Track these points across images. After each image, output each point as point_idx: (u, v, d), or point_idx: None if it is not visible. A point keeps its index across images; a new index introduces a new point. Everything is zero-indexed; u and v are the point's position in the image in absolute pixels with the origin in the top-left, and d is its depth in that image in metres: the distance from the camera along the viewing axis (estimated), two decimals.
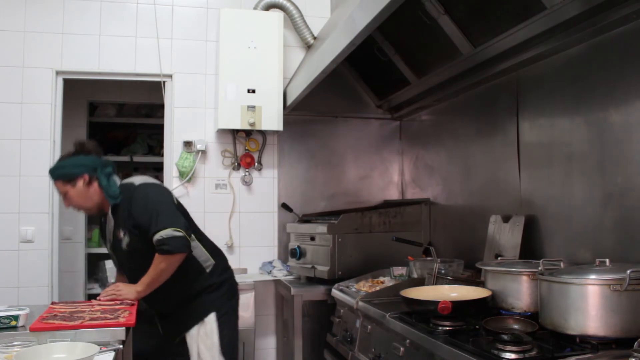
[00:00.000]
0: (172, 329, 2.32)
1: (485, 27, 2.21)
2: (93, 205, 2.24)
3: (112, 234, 2.26)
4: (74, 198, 2.20)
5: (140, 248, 2.16)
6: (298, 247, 3.05)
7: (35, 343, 1.63)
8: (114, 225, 2.23)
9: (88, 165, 2.21)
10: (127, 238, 2.18)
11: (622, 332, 1.36)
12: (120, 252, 2.26)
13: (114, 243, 2.27)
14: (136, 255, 2.19)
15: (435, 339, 1.61)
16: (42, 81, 3.18)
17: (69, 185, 2.19)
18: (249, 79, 3.20)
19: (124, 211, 2.19)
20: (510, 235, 2.21)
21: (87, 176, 2.19)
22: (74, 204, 2.22)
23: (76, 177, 2.18)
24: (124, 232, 2.19)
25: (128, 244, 2.18)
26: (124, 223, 2.19)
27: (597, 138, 1.87)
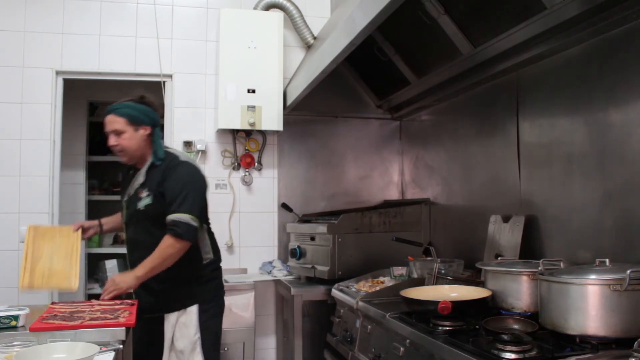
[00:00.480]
0: (150, 304, 2.24)
1: (485, 27, 2.21)
2: (137, 155, 2.27)
3: (135, 189, 2.27)
4: (127, 141, 2.22)
5: (154, 214, 2.20)
6: (298, 247, 3.05)
7: (35, 343, 1.63)
8: (141, 183, 2.25)
9: (153, 118, 2.29)
10: (148, 200, 2.21)
11: (622, 332, 1.36)
12: (134, 209, 2.26)
13: (132, 198, 2.28)
14: (147, 218, 2.23)
15: (435, 339, 1.61)
16: (42, 81, 3.18)
17: (131, 128, 2.23)
18: (249, 79, 3.20)
19: (159, 175, 2.22)
20: (510, 235, 2.21)
21: (149, 128, 2.26)
22: (123, 146, 2.23)
23: (141, 123, 2.24)
24: (149, 193, 2.21)
25: (147, 205, 2.21)
26: (153, 185, 2.22)
27: (597, 138, 1.87)
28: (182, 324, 2.25)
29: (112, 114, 2.25)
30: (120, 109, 2.25)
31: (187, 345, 2.23)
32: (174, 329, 2.25)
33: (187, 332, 2.24)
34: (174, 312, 2.25)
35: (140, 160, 2.29)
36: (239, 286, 3.04)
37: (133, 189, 2.27)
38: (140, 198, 2.23)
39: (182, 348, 2.23)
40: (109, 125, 2.24)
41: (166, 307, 2.26)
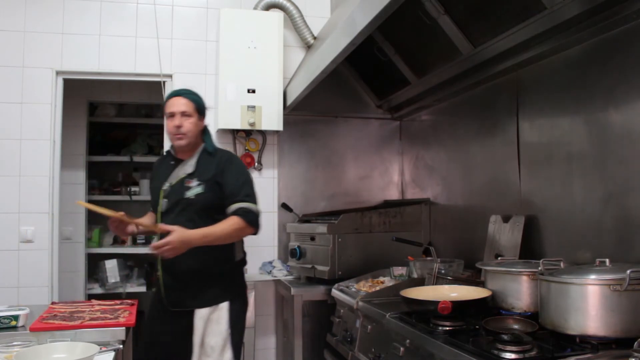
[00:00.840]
0: (182, 298, 2.24)
1: (485, 27, 2.21)
2: (192, 142, 2.32)
3: (179, 179, 2.27)
4: (192, 125, 2.28)
5: (203, 204, 2.22)
6: (298, 247, 3.05)
7: (35, 343, 1.63)
8: (189, 172, 2.27)
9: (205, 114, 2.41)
10: (199, 189, 2.23)
11: (622, 332, 1.36)
12: (178, 197, 2.25)
13: (175, 187, 2.27)
14: (194, 206, 2.23)
15: (435, 339, 1.61)
16: (42, 81, 3.18)
17: (197, 115, 2.32)
18: (249, 79, 3.20)
19: (213, 166, 2.26)
20: (510, 235, 2.21)
21: (203, 122, 2.37)
22: (187, 129, 2.27)
23: (203, 115, 2.36)
24: (199, 182, 2.24)
25: (198, 194, 2.23)
26: (206, 175, 2.25)
27: (597, 138, 1.87)
28: (214, 320, 2.25)
29: (182, 96, 2.30)
30: (190, 94, 2.33)
31: (218, 341, 2.23)
32: (205, 325, 2.24)
33: (219, 328, 2.24)
34: (205, 308, 2.24)
35: (189, 149, 2.32)
36: None
37: (176, 178, 2.28)
38: (188, 187, 2.24)
39: (214, 344, 2.23)
40: (178, 106, 2.27)
41: (198, 302, 2.25)
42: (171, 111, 2.29)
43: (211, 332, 2.23)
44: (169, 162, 2.37)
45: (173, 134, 2.28)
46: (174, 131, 2.27)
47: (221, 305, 2.26)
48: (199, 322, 2.23)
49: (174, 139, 2.30)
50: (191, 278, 2.24)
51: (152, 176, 2.50)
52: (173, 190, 2.27)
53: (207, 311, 2.24)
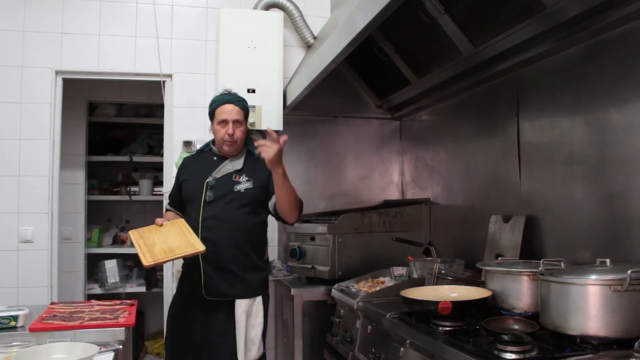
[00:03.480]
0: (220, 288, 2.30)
1: (485, 27, 2.21)
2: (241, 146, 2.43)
3: (227, 173, 2.38)
4: (242, 132, 2.39)
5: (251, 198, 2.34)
6: (298, 247, 3.04)
7: (34, 343, 1.63)
8: (237, 169, 2.39)
9: None
10: (249, 184, 2.36)
11: (622, 333, 1.36)
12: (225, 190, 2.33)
13: (221, 180, 2.36)
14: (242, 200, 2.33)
15: (435, 339, 1.60)
16: (41, 81, 3.17)
17: (245, 121, 2.42)
18: (249, 78, 3.20)
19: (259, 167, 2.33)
20: (511, 235, 2.21)
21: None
22: (238, 136, 2.36)
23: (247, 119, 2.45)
24: (249, 179, 2.36)
25: (247, 189, 2.35)
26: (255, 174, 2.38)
27: (597, 138, 1.87)
28: (254, 313, 2.34)
29: (234, 104, 2.37)
30: (241, 101, 2.41)
31: (258, 334, 2.35)
32: (246, 315, 2.31)
33: (258, 321, 2.35)
34: (245, 299, 2.31)
35: (236, 150, 2.42)
36: None
37: (221, 173, 2.38)
38: (238, 181, 2.36)
39: (254, 337, 2.33)
40: (231, 114, 2.35)
41: (237, 292, 2.31)
42: (224, 118, 2.35)
43: (251, 326, 2.33)
44: (210, 158, 2.44)
45: (225, 140, 2.36)
46: (226, 138, 2.35)
47: (257, 299, 2.36)
48: (241, 316, 2.30)
49: (225, 145, 2.38)
50: (232, 267, 2.30)
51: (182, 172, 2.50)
52: (219, 183, 2.35)
53: (247, 303, 2.32)
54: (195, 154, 2.60)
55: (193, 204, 2.39)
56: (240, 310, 2.30)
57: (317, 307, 2.82)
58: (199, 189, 2.36)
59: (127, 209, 4.71)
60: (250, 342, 2.33)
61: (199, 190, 2.36)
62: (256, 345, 2.34)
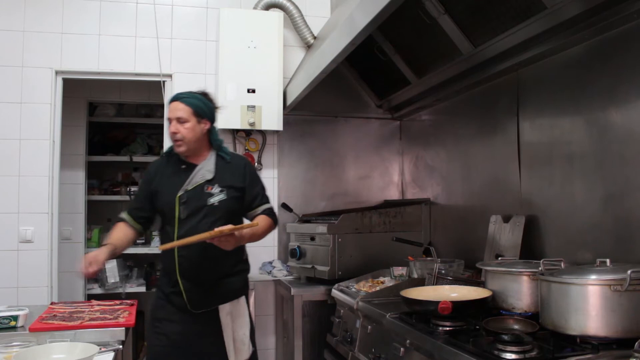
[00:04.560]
0: (202, 299, 2.25)
1: (485, 27, 2.20)
2: (193, 147, 2.26)
3: (197, 184, 2.24)
4: (189, 131, 2.22)
5: (226, 210, 2.23)
6: (298, 247, 3.04)
7: (34, 343, 1.63)
8: (208, 179, 2.25)
9: (214, 115, 2.33)
10: (222, 195, 2.23)
11: (622, 333, 1.36)
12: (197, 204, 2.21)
13: (192, 193, 2.22)
14: (217, 213, 2.22)
15: (435, 339, 1.60)
16: (41, 81, 3.17)
17: (195, 119, 2.23)
18: (249, 78, 3.20)
19: (232, 172, 2.28)
20: (511, 235, 2.21)
21: (209, 123, 2.29)
22: (183, 135, 2.22)
23: (204, 117, 2.26)
24: (221, 189, 2.24)
25: (221, 201, 2.23)
26: (227, 182, 2.26)
27: (598, 138, 1.87)
28: (238, 314, 2.32)
29: (179, 101, 2.24)
30: (188, 98, 2.25)
31: (246, 333, 2.32)
32: (232, 318, 2.29)
33: (243, 321, 2.33)
34: (228, 303, 2.29)
35: (195, 154, 2.28)
36: None
37: (192, 184, 2.24)
38: (210, 194, 2.23)
39: (242, 337, 2.31)
40: (174, 111, 2.23)
41: (221, 299, 2.28)
42: (168, 117, 2.27)
43: (238, 326, 2.31)
44: (178, 166, 2.30)
45: (172, 140, 2.26)
46: (171, 137, 2.25)
47: (241, 300, 2.33)
48: (226, 319, 2.28)
49: (175, 146, 2.27)
50: (212, 279, 2.26)
51: (151, 179, 2.34)
52: (191, 198, 2.22)
53: (230, 306, 2.29)
54: (162, 159, 2.41)
55: (167, 220, 2.28)
56: (224, 313, 2.27)
57: (317, 307, 2.83)
58: (171, 204, 2.23)
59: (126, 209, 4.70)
60: (240, 343, 2.30)
61: (171, 206, 2.23)
62: (246, 344, 2.32)
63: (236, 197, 2.27)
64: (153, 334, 2.28)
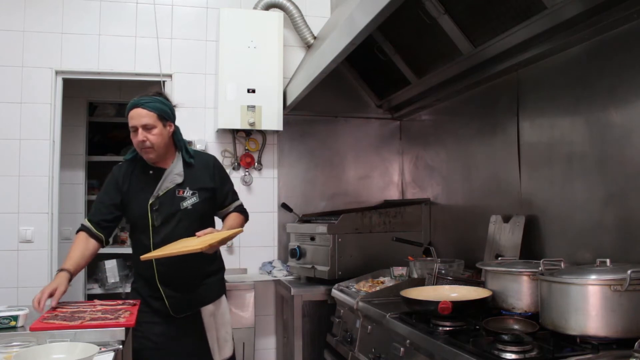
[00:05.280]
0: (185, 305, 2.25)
1: (485, 27, 2.20)
2: (163, 152, 2.21)
3: (168, 189, 2.19)
4: (157, 136, 2.15)
5: (201, 212, 2.23)
6: (298, 247, 3.04)
7: (34, 343, 1.62)
8: (179, 183, 2.21)
9: (174, 115, 2.27)
10: (195, 198, 2.22)
11: (622, 333, 1.36)
12: (173, 209, 2.18)
13: (164, 198, 2.18)
14: (191, 216, 2.20)
15: (435, 339, 1.60)
16: (41, 81, 3.17)
17: (161, 123, 2.16)
18: (249, 78, 3.20)
19: (200, 172, 2.26)
20: (511, 235, 2.21)
21: (173, 125, 2.25)
22: (153, 142, 2.14)
23: (169, 119, 2.21)
24: (193, 192, 2.22)
25: (195, 204, 2.21)
26: (197, 183, 2.23)
27: (598, 138, 1.87)
28: (220, 314, 2.35)
29: (141, 107, 2.13)
30: (151, 102, 2.15)
31: (228, 331, 2.37)
32: (215, 319, 2.31)
33: (225, 319, 2.36)
34: (210, 304, 2.31)
35: (164, 158, 2.23)
36: (239, 286, 3.04)
37: (162, 189, 2.19)
38: (183, 197, 2.20)
39: (225, 335, 2.34)
40: (138, 119, 2.13)
41: (202, 302, 2.29)
42: (132, 125, 2.15)
43: (221, 325, 2.34)
44: (146, 172, 2.24)
45: (140, 148, 2.17)
46: (139, 146, 2.15)
47: (222, 299, 2.37)
48: (209, 320, 2.29)
49: (143, 153, 2.18)
50: (192, 283, 2.27)
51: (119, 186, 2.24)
52: (163, 203, 2.18)
53: (212, 307, 2.31)
54: (127, 164, 2.29)
55: (140, 229, 2.23)
56: (207, 314, 2.29)
57: (317, 307, 2.82)
58: (143, 212, 2.18)
59: None
60: (223, 340, 2.34)
61: (143, 214, 2.18)
62: (229, 342, 2.36)
63: (208, 198, 2.27)
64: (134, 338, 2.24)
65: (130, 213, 2.24)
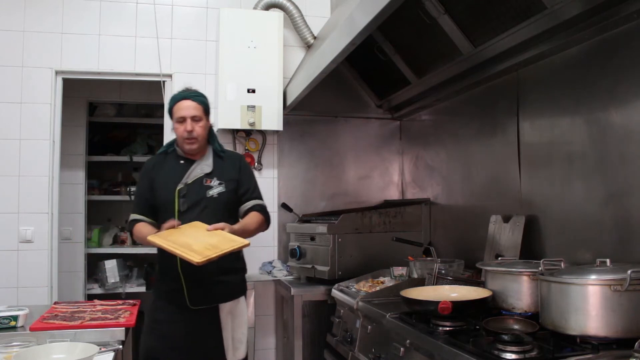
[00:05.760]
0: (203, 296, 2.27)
1: (485, 27, 2.20)
2: (203, 144, 2.35)
3: (197, 178, 2.30)
4: (202, 128, 2.31)
5: (225, 201, 2.31)
6: (298, 247, 3.04)
7: (34, 343, 1.63)
8: (207, 173, 2.32)
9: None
10: (221, 188, 2.31)
11: (622, 333, 1.36)
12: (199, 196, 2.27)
13: (192, 186, 2.28)
14: (217, 204, 2.29)
15: (435, 339, 1.60)
16: (41, 81, 3.17)
17: (205, 117, 2.33)
18: (249, 78, 3.20)
19: (231, 167, 2.36)
20: (511, 235, 2.21)
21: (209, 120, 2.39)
22: (198, 132, 2.28)
23: (208, 115, 2.37)
24: (220, 182, 2.31)
25: (220, 193, 2.30)
26: (225, 175, 2.34)
27: (598, 138, 1.87)
28: (238, 313, 2.35)
29: (191, 99, 2.29)
30: (199, 97, 2.33)
31: (244, 333, 2.37)
32: (231, 317, 2.32)
33: (242, 321, 2.37)
34: (228, 302, 2.32)
35: (199, 150, 2.34)
36: None
37: (191, 177, 2.29)
38: (210, 186, 2.30)
39: (240, 336, 2.35)
40: (188, 110, 2.27)
41: (221, 297, 2.31)
42: (182, 115, 2.28)
43: (237, 326, 2.34)
44: (177, 161, 2.36)
45: (184, 138, 2.28)
46: (185, 135, 2.28)
47: (240, 300, 2.38)
48: (226, 318, 2.31)
49: (185, 143, 2.30)
50: (213, 275, 2.27)
51: (149, 173, 2.38)
52: (190, 190, 2.28)
53: (230, 305, 2.32)
54: (159, 156, 2.45)
55: (166, 214, 2.28)
56: (224, 312, 2.30)
57: (317, 307, 2.83)
58: (170, 197, 2.27)
59: (127, 209, 4.68)
60: (238, 341, 2.34)
61: (170, 199, 2.27)
62: (243, 343, 2.36)
63: (233, 190, 2.34)
64: (150, 335, 2.29)
65: (159, 198, 2.32)
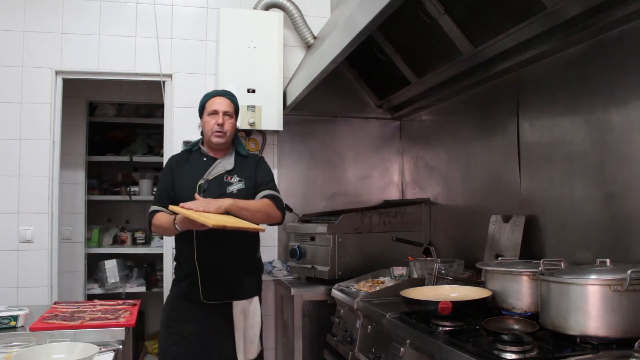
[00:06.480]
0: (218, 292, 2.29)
1: (485, 27, 2.21)
2: (229, 141, 2.43)
3: (218, 174, 2.36)
4: (232, 125, 2.41)
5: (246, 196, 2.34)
6: (298, 247, 3.04)
7: (34, 343, 1.63)
8: (228, 170, 2.38)
9: None
10: (241, 184, 2.37)
11: (622, 333, 1.36)
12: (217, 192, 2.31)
13: (213, 182, 2.34)
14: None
15: (435, 339, 1.60)
16: (41, 81, 3.17)
17: (235, 116, 2.45)
18: (249, 78, 3.20)
19: (251, 166, 2.42)
20: (511, 235, 2.21)
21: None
22: (227, 128, 2.37)
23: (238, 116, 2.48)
24: (240, 179, 2.37)
25: (240, 189, 2.36)
26: (245, 174, 2.39)
27: (598, 138, 1.87)
28: (251, 313, 2.37)
29: (226, 97, 2.42)
30: (232, 96, 2.45)
31: (256, 333, 2.39)
32: (244, 315, 2.33)
33: (256, 320, 2.38)
34: (243, 300, 2.34)
35: (224, 148, 2.42)
36: None
37: (213, 174, 2.36)
38: (230, 182, 2.36)
39: (252, 337, 2.37)
40: (221, 105, 2.38)
41: (235, 294, 2.32)
42: (215, 109, 2.37)
43: (249, 325, 2.36)
44: (200, 159, 2.42)
45: (214, 131, 2.35)
46: (216, 128, 2.34)
47: (254, 299, 2.39)
48: (239, 316, 2.32)
49: (214, 136, 2.36)
50: (229, 270, 2.31)
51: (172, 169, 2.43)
52: (211, 186, 2.34)
53: (244, 304, 2.34)
54: (182, 153, 2.53)
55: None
56: (237, 310, 2.32)
57: (317, 307, 2.82)
58: (191, 191, 2.30)
59: (127, 209, 4.71)
60: (249, 341, 2.35)
61: (191, 194, 2.29)
62: (255, 344, 2.37)
63: (252, 187, 2.39)
64: (167, 334, 2.33)
65: (180, 194, 2.34)
